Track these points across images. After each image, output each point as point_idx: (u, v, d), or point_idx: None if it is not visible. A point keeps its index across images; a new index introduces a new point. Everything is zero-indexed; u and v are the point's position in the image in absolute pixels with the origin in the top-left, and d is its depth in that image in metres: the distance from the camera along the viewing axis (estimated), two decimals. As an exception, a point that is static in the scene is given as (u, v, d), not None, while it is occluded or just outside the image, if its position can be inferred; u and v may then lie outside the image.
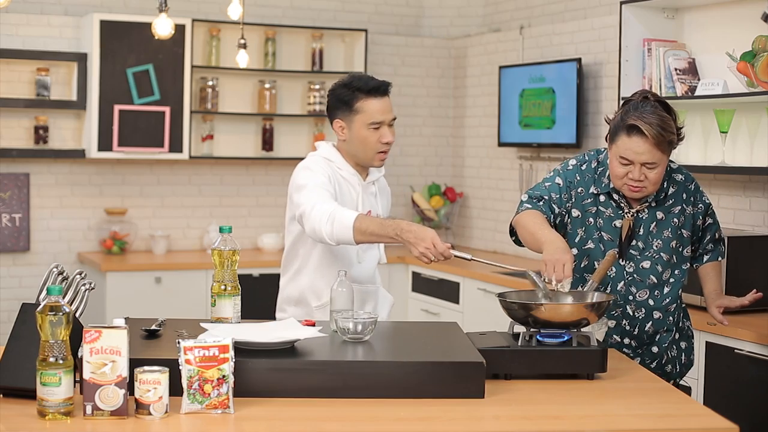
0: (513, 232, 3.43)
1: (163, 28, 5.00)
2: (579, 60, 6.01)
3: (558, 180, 3.40)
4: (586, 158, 3.43)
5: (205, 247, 6.80)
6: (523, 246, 3.41)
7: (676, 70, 5.00)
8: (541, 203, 3.35)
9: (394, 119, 3.63)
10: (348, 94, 3.56)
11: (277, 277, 3.76)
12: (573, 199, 3.38)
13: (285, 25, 6.90)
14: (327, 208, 3.32)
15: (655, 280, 3.37)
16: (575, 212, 3.38)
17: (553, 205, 3.35)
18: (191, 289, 6.23)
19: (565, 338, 2.97)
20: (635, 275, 3.36)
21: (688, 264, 3.46)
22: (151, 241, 6.66)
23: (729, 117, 4.72)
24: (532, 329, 3.00)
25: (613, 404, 2.68)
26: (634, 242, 3.36)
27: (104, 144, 6.30)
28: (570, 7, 6.41)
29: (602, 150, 3.44)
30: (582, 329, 3.02)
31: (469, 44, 7.28)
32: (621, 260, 3.36)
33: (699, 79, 4.99)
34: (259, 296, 5.17)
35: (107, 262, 6.18)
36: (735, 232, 4.70)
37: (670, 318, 3.43)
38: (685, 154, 5.05)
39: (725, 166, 4.76)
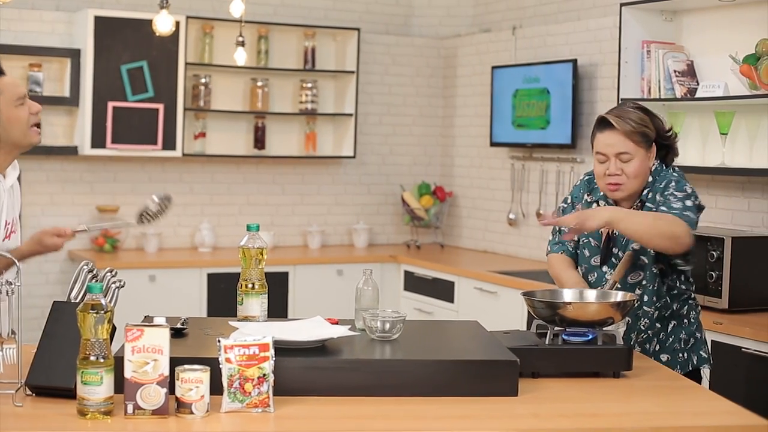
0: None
1: (164, 24, 4.98)
2: (575, 61, 6.05)
3: (569, 200, 3.57)
4: (590, 173, 3.54)
5: (197, 245, 6.77)
6: None
7: (675, 72, 5.05)
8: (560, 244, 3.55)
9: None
10: None
11: (274, 275, 3.72)
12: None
13: (277, 23, 6.89)
14: None
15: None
16: None
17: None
18: (185, 287, 6.20)
19: (590, 337, 2.99)
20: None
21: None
22: (142, 239, 6.62)
23: (729, 119, 4.77)
24: (557, 328, 3.02)
25: (646, 402, 2.69)
26: (615, 250, 3.41)
27: (97, 141, 6.26)
28: (563, 8, 6.44)
29: None
30: (605, 328, 3.04)
31: (460, 44, 7.29)
32: (602, 267, 3.42)
33: (698, 82, 5.04)
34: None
35: (100, 260, 6.12)
36: (733, 232, 4.74)
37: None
38: (683, 156, 5.08)
39: (724, 167, 4.82)
